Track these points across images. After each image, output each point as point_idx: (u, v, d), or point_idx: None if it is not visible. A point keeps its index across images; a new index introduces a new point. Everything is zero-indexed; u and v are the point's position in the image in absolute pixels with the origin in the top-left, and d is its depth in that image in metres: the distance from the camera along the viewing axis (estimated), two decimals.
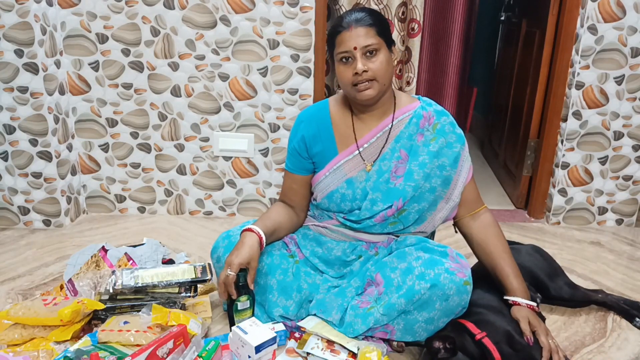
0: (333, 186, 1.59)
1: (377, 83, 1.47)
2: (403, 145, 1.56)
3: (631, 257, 2.20)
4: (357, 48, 1.44)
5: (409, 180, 1.53)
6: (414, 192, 1.53)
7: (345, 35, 1.45)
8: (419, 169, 1.53)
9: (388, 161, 1.56)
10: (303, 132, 1.62)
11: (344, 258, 1.63)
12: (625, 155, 2.39)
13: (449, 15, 2.55)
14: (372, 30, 1.45)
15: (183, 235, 2.29)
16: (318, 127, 1.61)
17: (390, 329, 1.47)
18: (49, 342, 1.45)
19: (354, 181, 1.58)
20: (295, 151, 1.64)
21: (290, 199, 1.69)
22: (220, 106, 2.34)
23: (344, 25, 1.45)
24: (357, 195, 1.57)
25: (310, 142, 1.61)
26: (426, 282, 1.40)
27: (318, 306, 1.54)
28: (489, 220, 1.61)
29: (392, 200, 1.53)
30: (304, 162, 1.64)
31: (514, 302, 1.48)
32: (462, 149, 1.60)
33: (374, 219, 1.56)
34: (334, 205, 1.61)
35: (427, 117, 1.57)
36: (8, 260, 2.04)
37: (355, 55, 1.44)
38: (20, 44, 2.07)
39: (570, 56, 2.32)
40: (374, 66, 1.45)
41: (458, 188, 1.59)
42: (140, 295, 1.57)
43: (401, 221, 1.57)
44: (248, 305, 1.52)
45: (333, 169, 1.59)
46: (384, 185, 1.55)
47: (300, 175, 1.65)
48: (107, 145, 2.39)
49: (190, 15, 2.21)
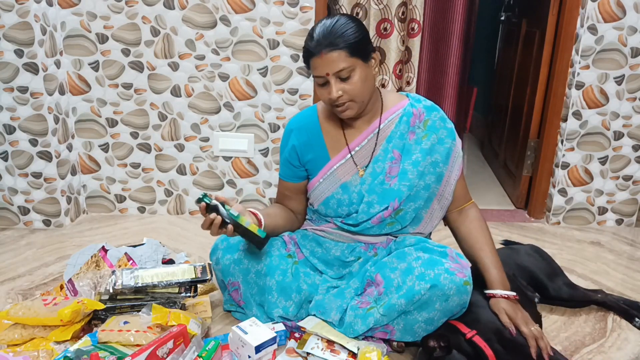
0: (328, 192, 1.59)
1: (355, 103, 1.46)
2: (395, 145, 1.55)
3: (631, 257, 2.20)
4: (330, 74, 1.41)
5: (403, 180, 1.53)
6: (409, 191, 1.53)
7: (317, 62, 1.41)
8: (412, 168, 1.53)
9: (382, 162, 1.56)
10: (293, 142, 1.61)
11: (343, 259, 1.63)
12: (625, 155, 2.39)
13: (449, 15, 2.55)
14: (344, 53, 1.38)
15: (183, 235, 2.29)
16: (308, 134, 1.60)
17: (390, 329, 1.47)
18: (49, 342, 1.45)
19: (349, 185, 1.57)
20: (287, 161, 1.63)
21: (286, 205, 1.70)
22: (220, 106, 2.34)
23: (314, 52, 1.40)
24: (354, 199, 1.57)
25: (302, 150, 1.60)
26: (426, 282, 1.40)
27: (317, 307, 1.54)
28: (475, 215, 1.62)
29: (387, 202, 1.53)
30: (296, 171, 1.64)
31: (490, 295, 1.49)
32: (453, 144, 1.58)
33: (370, 221, 1.56)
34: (331, 211, 1.61)
35: (417, 114, 1.56)
36: (8, 260, 2.04)
37: (329, 80, 1.42)
38: (20, 44, 2.07)
39: (570, 56, 2.32)
40: (350, 87, 1.42)
41: (450, 185, 1.59)
42: (140, 295, 1.57)
43: (398, 221, 1.57)
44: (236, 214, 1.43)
45: (327, 174, 1.58)
46: (379, 187, 1.55)
47: (293, 183, 1.66)
48: (107, 145, 2.39)
49: (190, 15, 2.21)
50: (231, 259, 1.59)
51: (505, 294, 1.48)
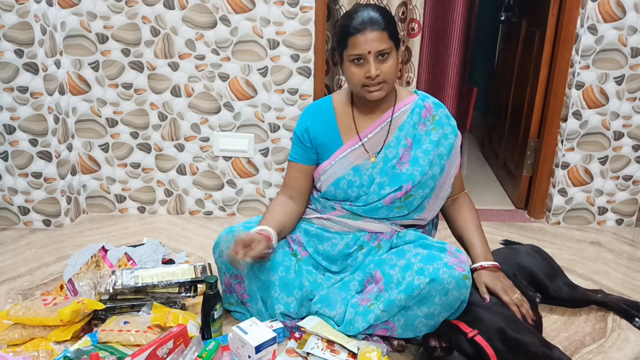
0: (339, 173, 1.62)
1: (386, 85, 1.52)
2: (408, 133, 1.61)
3: (631, 257, 2.20)
4: (371, 52, 1.46)
5: (415, 165, 1.59)
6: (421, 176, 1.58)
7: (360, 39, 1.46)
8: (424, 156, 1.59)
9: (394, 148, 1.61)
10: (307, 124, 1.66)
11: (347, 250, 1.64)
12: (625, 155, 2.39)
13: (449, 16, 2.55)
14: (385, 34, 1.47)
15: (183, 235, 2.29)
16: (322, 120, 1.66)
17: (391, 326, 1.48)
18: (49, 342, 1.45)
19: (360, 168, 1.62)
20: (300, 141, 1.67)
21: (293, 190, 1.70)
22: (220, 106, 2.34)
23: (358, 28, 1.46)
24: (364, 182, 1.61)
25: (315, 134, 1.65)
26: (425, 276, 1.41)
27: (321, 301, 1.55)
28: (465, 201, 1.72)
29: (400, 183, 1.58)
30: (308, 152, 1.67)
31: (473, 269, 1.55)
32: (455, 140, 1.65)
33: (382, 201, 1.60)
34: (341, 192, 1.63)
35: (428, 108, 1.64)
36: (8, 260, 2.04)
37: (368, 58, 1.47)
38: (20, 44, 2.07)
39: (570, 56, 2.32)
40: (385, 69, 1.49)
41: (450, 178, 1.66)
42: (140, 295, 1.57)
43: (406, 206, 1.62)
44: (222, 313, 1.56)
45: (339, 157, 1.62)
46: (391, 171, 1.60)
47: (304, 164, 1.68)
48: (107, 145, 2.39)
49: (190, 15, 2.21)
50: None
51: (485, 265, 1.54)
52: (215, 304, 1.51)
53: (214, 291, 1.50)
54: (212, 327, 1.52)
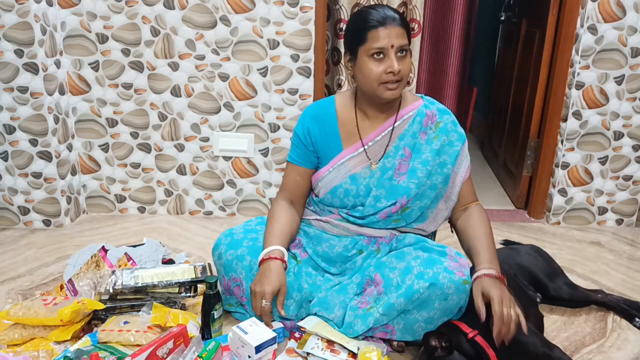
0: (337, 181, 1.60)
1: (402, 83, 1.49)
2: (407, 143, 1.57)
3: (631, 257, 2.20)
4: (394, 46, 1.44)
5: (412, 177, 1.55)
6: (417, 189, 1.54)
7: (382, 32, 1.43)
8: (422, 167, 1.55)
9: (392, 158, 1.58)
10: (309, 125, 1.62)
11: (345, 254, 1.63)
12: (625, 155, 2.39)
13: (449, 15, 2.55)
14: (405, 32, 1.46)
15: (183, 235, 2.29)
16: (324, 123, 1.62)
17: (390, 329, 1.48)
18: (49, 342, 1.45)
19: (358, 177, 1.59)
20: (301, 143, 1.63)
21: (294, 194, 1.67)
22: (220, 106, 2.34)
23: (380, 21, 1.43)
24: (361, 192, 1.58)
25: (316, 136, 1.62)
26: (425, 281, 1.40)
27: (320, 304, 1.54)
28: (477, 211, 1.60)
29: (396, 197, 1.55)
30: (308, 154, 1.64)
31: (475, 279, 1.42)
32: (462, 148, 1.62)
33: (377, 215, 1.58)
34: (337, 201, 1.61)
35: (430, 116, 1.59)
36: (8, 260, 2.04)
37: (390, 53, 1.44)
38: (20, 44, 2.07)
39: (570, 56, 2.32)
40: (404, 67, 1.47)
41: (456, 187, 1.61)
42: (140, 295, 1.57)
43: (404, 218, 1.59)
44: (222, 313, 1.55)
45: (337, 164, 1.59)
46: (387, 182, 1.57)
47: (305, 168, 1.65)
48: (107, 145, 2.39)
49: (190, 15, 2.21)
50: (234, 255, 1.59)
51: (486, 272, 1.40)
52: (215, 304, 1.51)
53: (214, 291, 1.50)
54: (212, 327, 1.52)
